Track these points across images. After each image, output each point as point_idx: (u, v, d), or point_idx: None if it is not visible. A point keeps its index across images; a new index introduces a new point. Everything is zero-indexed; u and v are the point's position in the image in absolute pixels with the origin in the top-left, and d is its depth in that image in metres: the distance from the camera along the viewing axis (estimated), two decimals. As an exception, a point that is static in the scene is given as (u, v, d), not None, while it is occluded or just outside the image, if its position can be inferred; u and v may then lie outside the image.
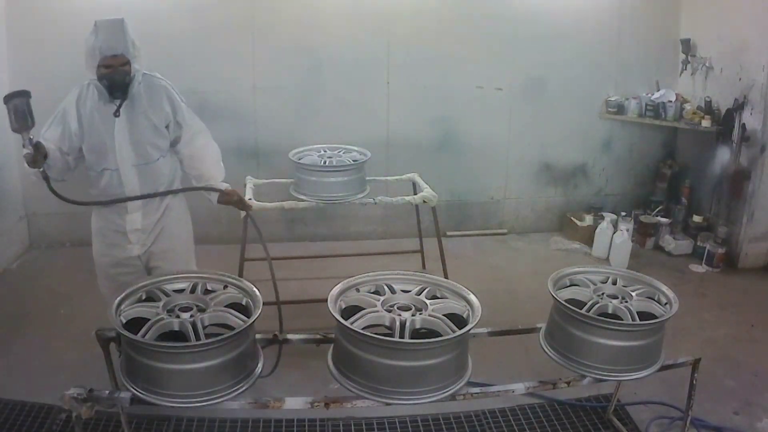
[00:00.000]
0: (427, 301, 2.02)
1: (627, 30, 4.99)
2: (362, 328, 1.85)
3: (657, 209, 5.12)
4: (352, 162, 3.51)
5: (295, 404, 1.92)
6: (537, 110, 5.05)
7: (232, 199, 2.77)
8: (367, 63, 4.74)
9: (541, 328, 2.28)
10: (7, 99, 2.18)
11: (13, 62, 4.31)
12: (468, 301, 2.02)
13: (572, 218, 5.18)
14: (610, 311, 2.09)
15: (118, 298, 1.94)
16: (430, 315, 1.94)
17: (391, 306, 1.99)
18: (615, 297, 2.16)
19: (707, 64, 4.78)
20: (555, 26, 4.86)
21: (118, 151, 2.49)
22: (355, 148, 3.73)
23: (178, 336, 1.83)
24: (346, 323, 1.84)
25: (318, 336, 2.21)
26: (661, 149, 5.37)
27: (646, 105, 4.94)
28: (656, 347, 2.08)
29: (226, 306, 1.98)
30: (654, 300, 2.17)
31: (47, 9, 4.27)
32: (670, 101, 4.84)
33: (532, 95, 5.02)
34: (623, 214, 4.79)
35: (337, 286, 2.07)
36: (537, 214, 5.36)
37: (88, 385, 1.84)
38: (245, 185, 3.68)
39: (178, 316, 1.87)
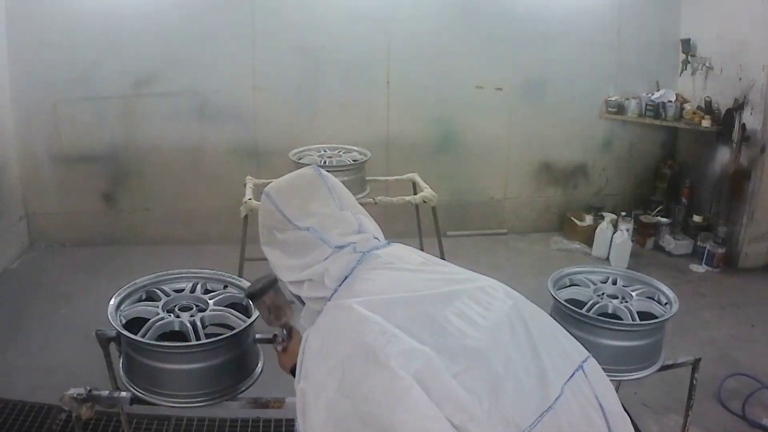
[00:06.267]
0: (427, 301, 2.01)
1: (627, 30, 4.99)
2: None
3: (657, 209, 5.12)
4: (352, 162, 3.51)
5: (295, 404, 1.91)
6: (537, 110, 5.04)
7: None
8: (367, 63, 4.73)
9: (541, 328, 2.27)
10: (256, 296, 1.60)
11: (13, 62, 4.31)
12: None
13: (572, 218, 5.18)
14: (610, 311, 2.08)
15: (119, 298, 1.93)
16: (430, 315, 1.93)
17: (391, 306, 1.98)
18: (615, 297, 2.15)
19: (707, 64, 4.77)
20: (555, 26, 4.86)
21: None
22: (355, 148, 3.73)
23: (178, 336, 1.83)
24: (346, 323, 1.83)
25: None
26: (661, 149, 5.36)
27: (646, 105, 4.94)
28: (656, 347, 2.07)
29: (226, 306, 1.98)
30: (654, 300, 2.16)
31: (47, 9, 4.26)
32: (670, 101, 4.84)
33: (532, 95, 5.01)
34: (623, 214, 4.78)
35: (337, 285, 2.06)
36: (537, 214, 5.35)
37: (88, 385, 1.84)
38: (245, 185, 3.68)
39: (178, 316, 1.87)
